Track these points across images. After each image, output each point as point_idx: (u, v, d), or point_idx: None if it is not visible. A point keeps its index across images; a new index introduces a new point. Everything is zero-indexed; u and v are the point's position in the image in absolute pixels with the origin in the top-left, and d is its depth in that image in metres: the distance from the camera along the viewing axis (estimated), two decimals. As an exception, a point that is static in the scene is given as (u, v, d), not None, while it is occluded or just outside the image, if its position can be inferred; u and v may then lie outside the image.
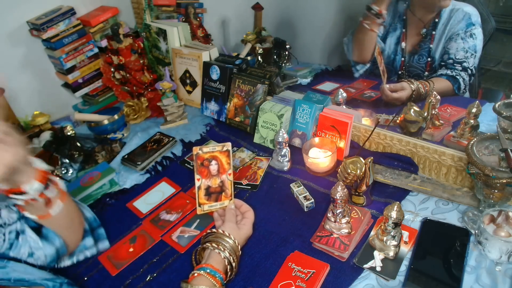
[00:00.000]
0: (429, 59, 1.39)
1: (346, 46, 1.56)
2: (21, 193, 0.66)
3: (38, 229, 0.73)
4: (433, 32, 1.36)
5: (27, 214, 0.70)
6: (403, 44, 1.42)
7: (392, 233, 0.76)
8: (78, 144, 1.22)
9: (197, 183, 0.91)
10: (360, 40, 1.45)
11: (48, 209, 0.71)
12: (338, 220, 0.82)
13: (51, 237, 0.74)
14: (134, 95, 1.45)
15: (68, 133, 1.19)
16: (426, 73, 1.40)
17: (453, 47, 1.32)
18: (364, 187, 0.87)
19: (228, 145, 0.92)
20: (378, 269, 0.75)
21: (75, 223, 0.79)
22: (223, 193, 0.92)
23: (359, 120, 1.13)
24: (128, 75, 1.43)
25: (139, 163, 1.15)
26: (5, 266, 0.67)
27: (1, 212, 0.70)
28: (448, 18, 1.34)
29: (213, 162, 0.92)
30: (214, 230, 0.79)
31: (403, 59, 1.44)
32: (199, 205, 0.92)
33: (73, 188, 1.08)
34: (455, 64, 1.32)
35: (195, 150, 0.91)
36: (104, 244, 0.84)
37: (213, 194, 0.92)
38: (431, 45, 1.37)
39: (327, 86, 1.53)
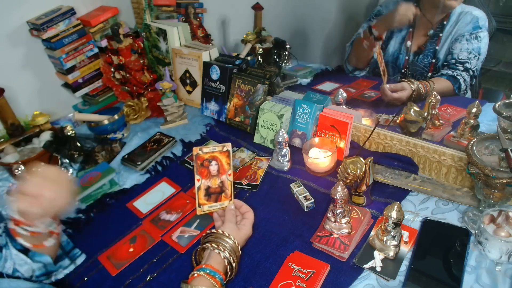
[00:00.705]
0: (433, 60, 1.39)
1: (347, 52, 1.58)
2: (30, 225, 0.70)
3: (23, 251, 0.74)
4: (440, 34, 1.36)
5: (21, 241, 0.71)
6: (408, 43, 1.42)
7: (392, 233, 0.76)
8: (78, 144, 1.22)
9: (197, 184, 0.91)
10: (358, 52, 1.49)
11: (44, 241, 0.74)
12: (338, 220, 0.82)
13: (38, 255, 0.74)
14: (134, 95, 1.45)
15: (68, 133, 1.19)
16: (430, 73, 1.41)
17: (457, 48, 1.33)
18: (364, 187, 0.87)
19: (228, 146, 0.92)
20: (378, 269, 0.75)
21: (57, 249, 0.82)
22: (223, 194, 0.92)
23: (359, 120, 1.13)
24: (128, 75, 1.43)
25: (139, 163, 1.15)
26: None
27: None
28: (456, 21, 1.35)
29: (213, 162, 0.92)
30: (214, 230, 0.79)
31: (407, 57, 1.44)
32: (199, 206, 0.92)
33: (73, 188, 1.08)
34: (457, 64, 1.32)
35: (195, 150, 0.91)
36: (81, 259, 0.85)
37: (213, 194, 0.92)
38: (437, 47, 1.37)
39: (327, 86, 1.53)
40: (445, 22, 1.36)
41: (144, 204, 1.01)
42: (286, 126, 1.15)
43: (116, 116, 1.30)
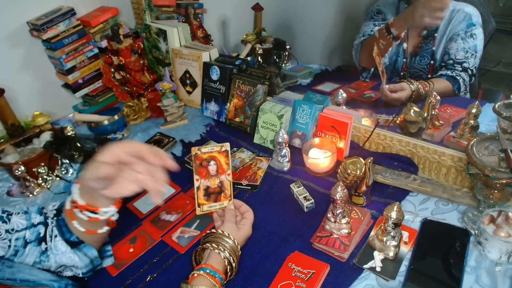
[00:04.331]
0: (431, 61, 1.38)
1: (355, 51, 1.55)
2: (94, 212, 0.70)
3: (72, 242, 0.74)
4: (435, 34, 1.36)
5: (76, 224, 0.72)
6: (405, 45, 1.42)
7: (392, 234, 0.76)
8: (78, 145, 1.22)
9: (196, 184, 0.91)
10: (370, 52, 1.45)
11: (98, 228, 0.75)
12: (338, 220, 0.82)
13: (86, 249, 0.75)
14: (134, 95, 1.46)
15: (68, 134, 1.19)
16: (429, 75, 1.40)
17: (453, 48, 1.32)
18: (364, 188, 0.87)
19: (227, 146, 0.92)
20: (378, 269, 0.75)
21: (105, 239, 0.83)
22: (222, 194, 0.92)
23: (359, 121, 1.13)
24: (128, 75, 1.43)
25: (139, 163, 1.15)
26: (11, 265, 0.67)
27: (12, 217, 0.70)
28: (449, 19, 1.34)
29: (212, 162, 0.92)
30: (213, 230, 0.80)
31: (404, 60, 1.44)
32: (199, 206, 0.92)
33: (73, 188, 1.08)
34: (455, 65, 1.32)
35: (194, 150, 0.91)
36: (108, 261, 0.83)
37: (212, 194, 0.92)
38: (433, 48, 1.37)
39: (327, 86, 1.54)
40: None
41: (144, 204, 1.01)
42: (286, 126, 1.16)
43: (116, 117, 1.30)
